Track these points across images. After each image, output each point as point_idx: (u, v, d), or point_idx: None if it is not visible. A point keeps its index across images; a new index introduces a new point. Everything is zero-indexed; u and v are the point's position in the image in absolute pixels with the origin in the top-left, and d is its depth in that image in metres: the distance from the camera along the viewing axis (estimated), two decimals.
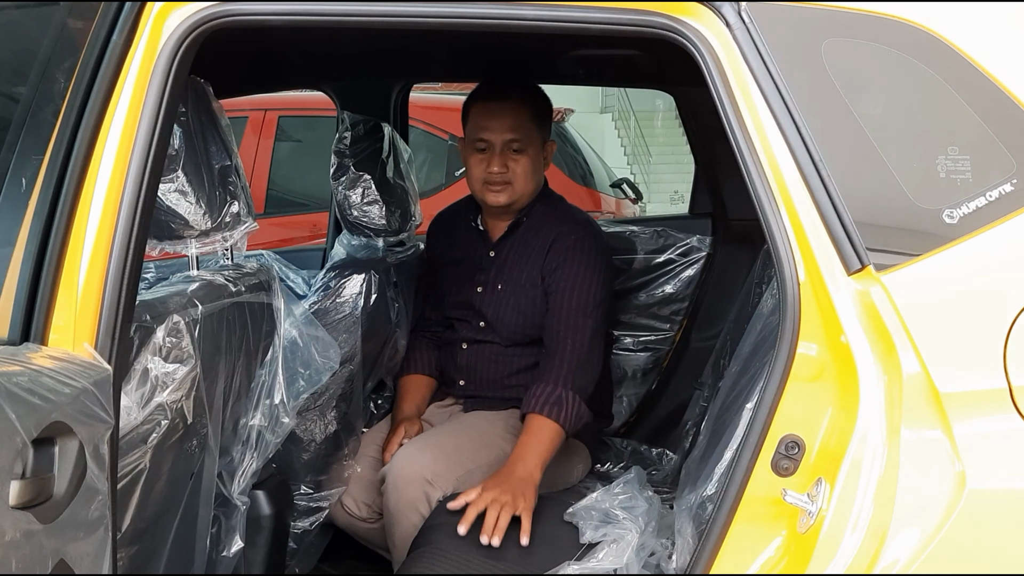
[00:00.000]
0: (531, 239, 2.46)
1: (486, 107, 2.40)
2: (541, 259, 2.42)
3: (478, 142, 2.40)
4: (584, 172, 6.35)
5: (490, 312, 2.47)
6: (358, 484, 2.36)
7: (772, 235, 1.39)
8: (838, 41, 1.40)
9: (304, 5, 1.48)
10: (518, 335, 2.45)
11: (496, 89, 2.44)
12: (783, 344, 1.38)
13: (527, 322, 2.43)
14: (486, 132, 2.39)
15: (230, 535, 1.81)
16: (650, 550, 1.87)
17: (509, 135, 2.37)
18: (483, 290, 2.50)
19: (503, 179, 2.39)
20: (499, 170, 2.38)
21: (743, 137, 1.41)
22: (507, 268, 2.48)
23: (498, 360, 2.48)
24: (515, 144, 2.38)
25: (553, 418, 2.18)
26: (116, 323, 1.37)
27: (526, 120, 2.41)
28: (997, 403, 1.31)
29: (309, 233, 5.51)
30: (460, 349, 2.53)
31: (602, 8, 1.46)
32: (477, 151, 2.41)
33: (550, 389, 2.22)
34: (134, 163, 1.40)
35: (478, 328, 2.50)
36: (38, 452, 1.16)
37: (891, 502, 1.30)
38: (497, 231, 2.53)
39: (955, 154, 1.36)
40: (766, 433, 1.38)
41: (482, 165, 2.40)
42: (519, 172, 2.40)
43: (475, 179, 2.43)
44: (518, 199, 2.44)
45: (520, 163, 2.40)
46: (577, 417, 2.23)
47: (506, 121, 2.38)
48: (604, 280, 2.39)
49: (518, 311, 2.44)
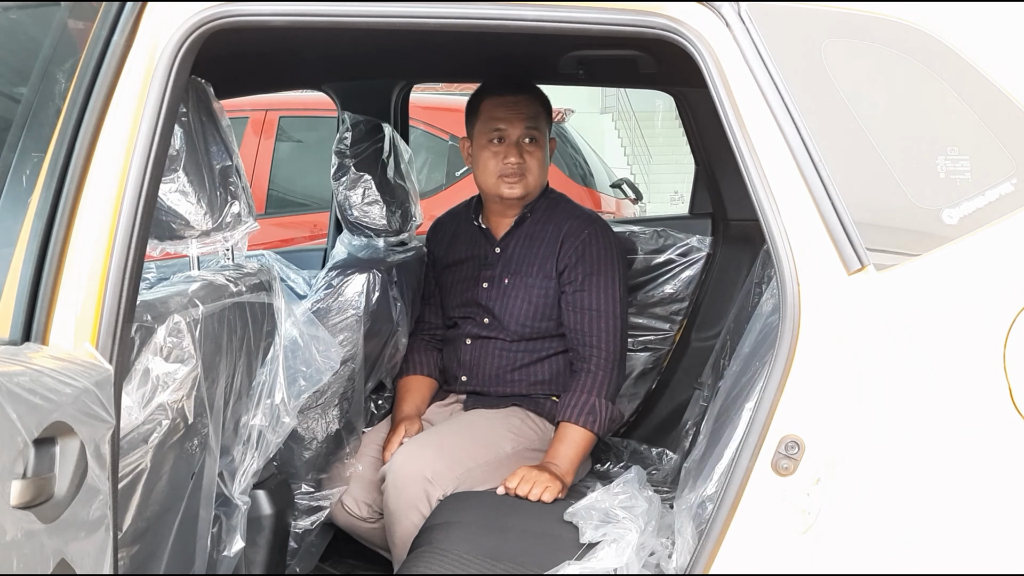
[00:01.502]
0: (538, 232, 2.49)
1: (502, 100, 2.43)
2: (554, 253, 2.44)
3: (494, 134, 2.42)
4: (584, 172, 6.35)
5: (496, 306, 2.49)
6: (359, 484, 2.36)
7: (772, 235, 1.40)
8: (838, 41, 1.40)
9: (304, 6, 1.48)
10: (526, 328, 2.46)
11: (508, 83, 2.47)
12: (783, 344, 1.39)
13: (537, 313, 2.45)
14: (503, 124, 2.42)
15: (231, 535, 1.81)
16: (650, 550, 1.87)
17: (526, 124, 2.42)
18: (489, 286, 2.51)
19: (520, 170, 2.42)
20: (517, 160, 2.41)
21: (743, 137, 1.41)
22: (514, 262, 2.49)
23: (502, 355, 2.49)
24: (531, 133, 2.43)
25: (588, 427, 2.29)
26: (117, 323, 1.37)
27: (538, 112, 2.46)
28: (997, 402, 1.31)
29: (310, 233, 5.51)
30: (464, 344, 2.55)
31: (602, 9, 1.47)
32: (491, 144, 2.43)
33: (584, 398, 2.31)
34: (135, 163, 1.40)
35: (483, 324, 2.52)
36: (39, 452, 1.16)
37: (890, 501, 1.30)
38: (501, 228, 2.55)
39: (954, 154, 1.36)
40: (766, 433, 1.38)
41: (498, 157, 2.43)
42: (534, 164, 2.44)
43: (489, 172, 2.45)
44: (530, 192, 2.47)
45: (535, 155, 2.44)
46: (611, 422, 2.35)
47: (523, 112, 2.42)
48: (623, 273, 2.46)
49: (528, 303, 2.45)
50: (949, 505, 1.31)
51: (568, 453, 2.26)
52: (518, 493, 2.13)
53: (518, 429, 2.38)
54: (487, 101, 2.46)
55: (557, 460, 2.24)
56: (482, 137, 2.45)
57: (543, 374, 2.49)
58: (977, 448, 1.31)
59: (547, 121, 2.49)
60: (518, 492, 2.13)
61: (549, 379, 2.49)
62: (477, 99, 2.49)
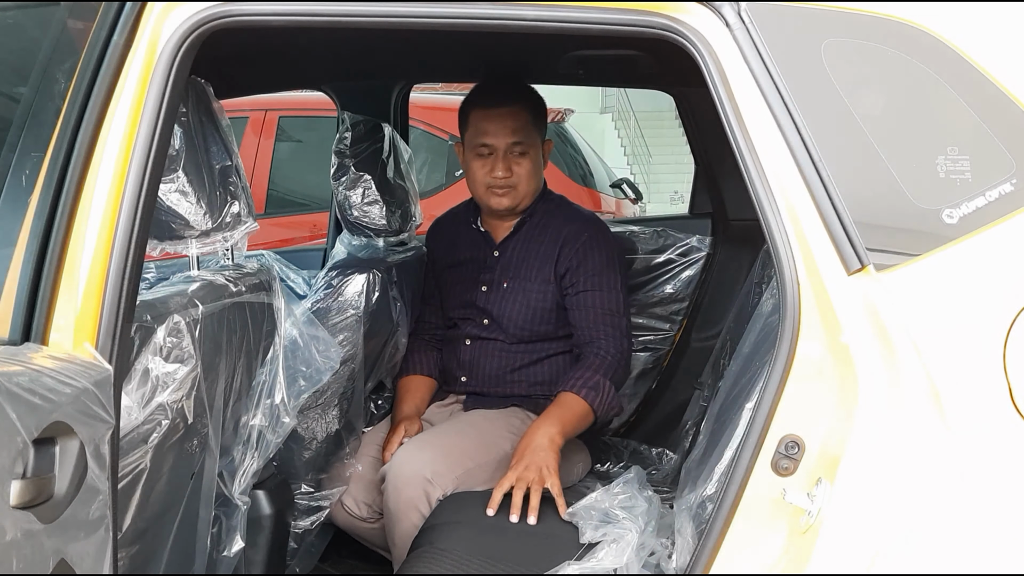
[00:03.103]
0: (536, 236, 2.49)
1: (486, 113, 2.41)
2: (552, 257, 2.44)
3: (480, 147, 2.41)
4: (584, 172, 6.35)
5: (495, 310, 2.49)
6: (358, 484, 2.36)
7: (772, 235, 1.40)
8: (838, 41, 1.40)
9: (304, 6, 1.48)
10: (524, 331, 2.47)
11: (495, 94, 2.45)
12: (783, 344, 1.38)
13: (535, 317, 2.45)
14: (488, 137, 2.40)
15: (231, 535, 1.81)
16: (650, 549, 1.87)
17: (512, 139, 2.39)
18: (488, 289, 2.51)
19: (507, 183, 2.41)
20: (503, 174, 2.40)
21: (743, 137, 1.41)
22: (512, 266, 2.49)
23: (501, 356, 2.49)
24: (518, 147, 2.41)
25: (587, 400, 2.24)
26: (117, 323, 1.37)
27: (526, 122, 2.42)
28: (997, 402, 1.31)
29: (309, 233, 5.52)
30: (463, 345, 2.55)
31: (602, 8, 1.46)
32: (479, 156, 2.42)
33: (589, 374, 2.28)
34: (135, 163, 1.40)
35: (482, 325, 2.52)
36: (39, 452, 1.16)
37: (890, 501, 1.30)
38: (500, 232, 2.54)
39: (955, 154, 1.36)
40: (766, 433, 1.38)
41: (485, 169, 2.42)
42: (523, 175, 2.42)
43: (478, 183, 2.45)
44: (521, 201, 2.46)
45: (523, 165, 2.42)
46: (609, 406, 2.29)
47: (508, 125, 2.39)
48: (623, 272, 2.47)
49: (527, 307, 2.45)
50: (949, 505, 1.31)
51: (561, 415, 2.18)
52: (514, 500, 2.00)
53: (518, 429, 2.37)
54: (474, 112, 2.44)
55: (547, 422, 2.14)
56: (471, 148, 2.45)
57: (543, 375, 2.49)
58: (977, 448, 1.31)
59: (538, 128, 2.46)
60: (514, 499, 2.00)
61: (549, 380, 2.48)
62: (466, 108, 2.48)
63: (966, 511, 1.30)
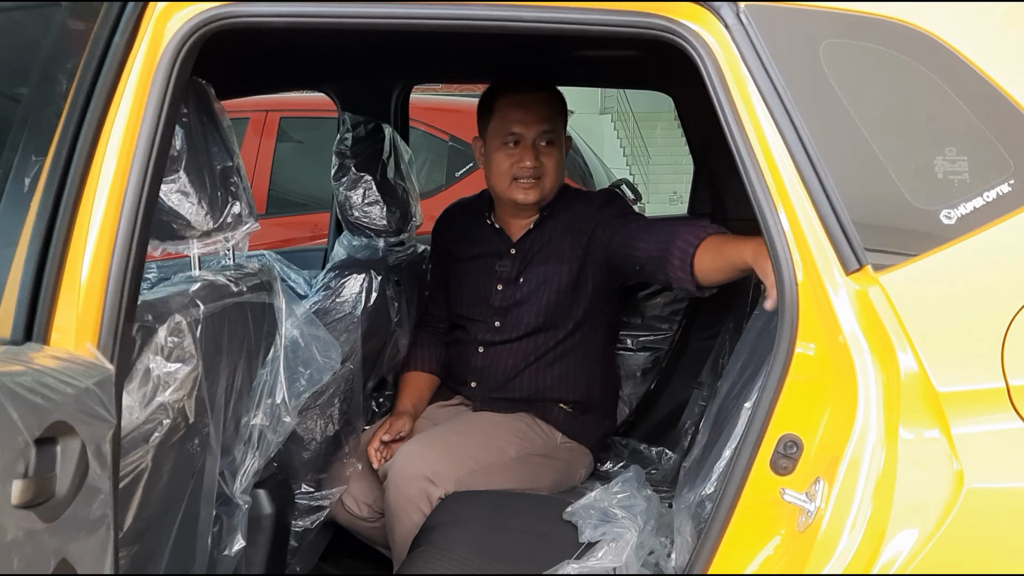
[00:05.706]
0: (557, 227, 2.41)
1: (517, 99, 2.35)
2: (572, 235, 2.37)
3: (509, 135, 2.34)
4: (583, 173, 6.34)
5: (509, 307, 2.43)
6: (359, 483, 2.36)
7: (770, 235, 1.40)
8: (836, 42, 1.41)
9: (306, 6, 1.49)
10: (539, 319, 2.40)
11: (524, 80, 2.38)
12: (782, 344, 1.39)
13: (551, 300, 2.39)
14: (519, 125, 2.33)
15: (231, 534, 1.82)
16: (649, 549, 1.87)
17: (542, 126, 2.33)
18: (504, 287, 2.45)
19: (535, 173, 2.34)
20: (532, 164, 2.33)
21: (741, 138, 1.42)
22: (530, 263, 2.42)
23: (514, 356, 2.43)
24: (547, 136, 2.34)
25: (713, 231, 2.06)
26: (118, 323, 1.37)
27: (555, 112, 2.37)
28: (995, 402, 1.31)
29: (310, 233, 5.51)
30: (476, 352, 2.48)
31: (601, 10, 1.47)
32: (505, 145, 2.35)
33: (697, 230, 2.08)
34: (136, 164, 1.41)
35: (494, 328, 2.45)
36: (40, 451, 1.16)
37: (889, 501, 1.30)
38: (515, 229, 2.47)
39: (953, 155, 1.37)
40: (765, 432, 1.38)
41: (511, 160, 2.35)
42: (551, 166, 2.36)
43: (503, 175, 2.37)
44: (546, 196, 2.39)
45: (552, 156, 2.36)
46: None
47: (539, 112, 2.33)
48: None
49: (550, 290, 2.39)
50: (949, 505, 1.31)
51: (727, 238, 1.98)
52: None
53: (523, 434, 2.35)
54: (501, 99, 2.37)
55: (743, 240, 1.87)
56: (496, 138, 2.37)
57: (551, 377, 2.43)
58: (975, 448, 1.31)
59: (563, 120, 2.41)
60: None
61: (557, 383, 2.43)
62: (490, 97, 2.41)
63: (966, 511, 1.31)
